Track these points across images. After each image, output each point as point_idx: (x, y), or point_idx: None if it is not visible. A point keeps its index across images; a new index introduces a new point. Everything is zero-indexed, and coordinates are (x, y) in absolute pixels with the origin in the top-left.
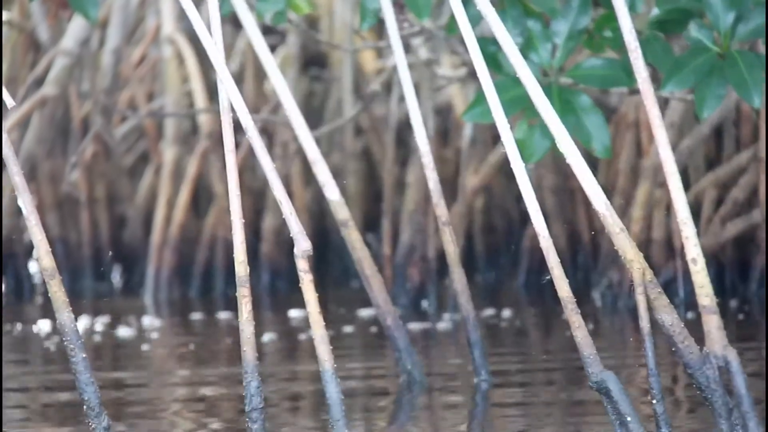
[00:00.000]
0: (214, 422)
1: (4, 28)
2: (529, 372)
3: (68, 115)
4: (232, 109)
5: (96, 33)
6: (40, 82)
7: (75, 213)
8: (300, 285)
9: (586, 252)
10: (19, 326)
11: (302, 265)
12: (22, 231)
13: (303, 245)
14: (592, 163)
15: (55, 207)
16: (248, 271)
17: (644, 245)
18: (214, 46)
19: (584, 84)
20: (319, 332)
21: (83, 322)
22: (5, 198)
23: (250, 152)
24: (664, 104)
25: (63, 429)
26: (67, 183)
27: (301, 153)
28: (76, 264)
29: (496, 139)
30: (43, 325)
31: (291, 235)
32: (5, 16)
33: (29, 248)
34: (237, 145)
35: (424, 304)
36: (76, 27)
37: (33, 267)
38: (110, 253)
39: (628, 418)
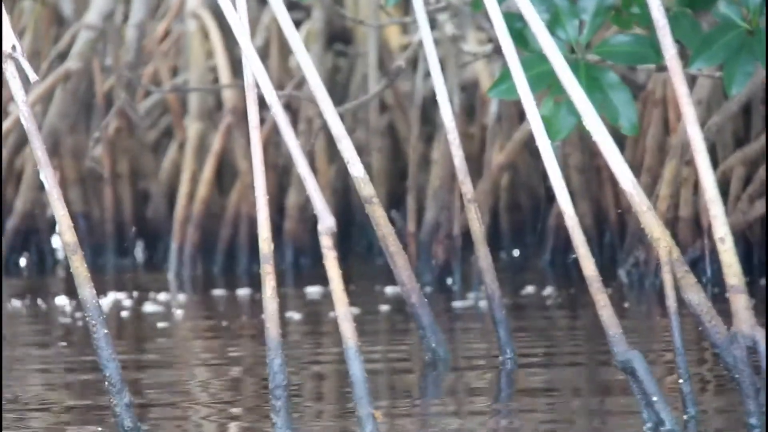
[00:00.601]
0: (237, 399)
1: (28, 2)
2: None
3: (91, 90)
4: (257, 85)
5: (120, 7)
6: (63, 56)
7: (98, 188)
8: (324, 262)
9: (613, 230)
10: (40, 301)
11: (326, 242)
12: (44, 206)
13: (327, 222)
14: (619, 140)
15: (77, 182)
16: (272, 247)
17: (671, 223)
18: (238, 20)
19: (611, 61)
20: (342, 310)
21: (111, 298)
22: (27, 173)
23: (275, 128)
24: (692, 81)
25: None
26: (90, 158)
27: (325, 129)
28: (98, 239)
29: (522, 115)
30: (66, 301)
31: (315, 212)
32: None
33: (52, 223)
34: (261, 121)
35: (449, 281)
36: (99, 1)
37: (56, 242)
38: (133, 228)
39: (654, 398)
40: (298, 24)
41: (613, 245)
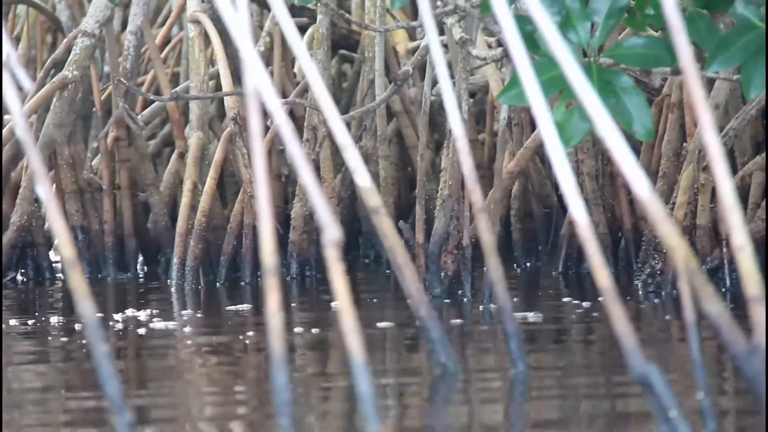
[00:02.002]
0: (242, 413)
1: (22, 8)
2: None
3: (89, 99)
4: (259, 92)
5: (118, 13)
6: (59, 64)
7: (96, 200)
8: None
9: (628, 239)
10: (44, 318)
11: (332, 254)
12: (41, 219)
13: (332, 233)
14: (634, 146)
15: (75, 194)
16: (276, 260)
17: (689, 232)
18: (238, 24)
19: (625, 64)
20: (349, 323)
21: (127, 314)
22: (24, 185)
23: (279, 136)
24: (709, 85)
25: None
26: (88, 169)
27: (330, 137)
28: (98, 253)
29: (534, 122)
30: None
31: (319, 223)
32: None
33: (49, 237)
34: (265, 129)
35: (459, 293)
36: (97, 7)
37: (54, 256)
38: (133, 241)
39: (672, 413)
40: (302, 29)
41: (628, 254)
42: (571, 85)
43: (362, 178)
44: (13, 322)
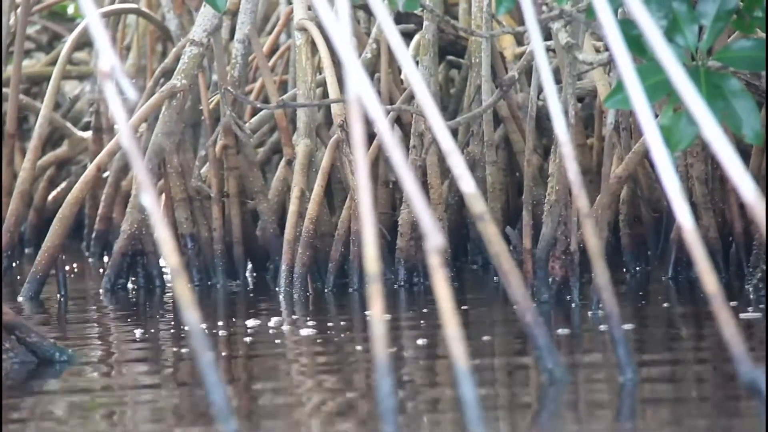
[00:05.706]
0: (350, 422)
1: (132, 18)
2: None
3: (197, 108)
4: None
5: (226, 22)
6: (168, 73)
7: (205, 208)
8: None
9: (739, 243)
10: (143, 330)
11: (435, 261)
12: (152, 227)
13: (435, 240)
14: (744, 150)
15: (184, 202)
16: (381, 267)
17: None
18: (339, 32)
19: (733, 67)
20: (452, 330)
21: (237, 321)
22: (134, 193)
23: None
24: None
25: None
26: (196, 177)
27: (437, 143)
28: (207, 261)
29: None
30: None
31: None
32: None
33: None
34: (371, 136)
35: (568, 299)
36: (205, 16)
37: (164, 264)
38: (242, 249)
39: None
40: (409, 36)
41: (739, 259)
42: (677, 88)
43: (467, 184)
44: (123, 329)
